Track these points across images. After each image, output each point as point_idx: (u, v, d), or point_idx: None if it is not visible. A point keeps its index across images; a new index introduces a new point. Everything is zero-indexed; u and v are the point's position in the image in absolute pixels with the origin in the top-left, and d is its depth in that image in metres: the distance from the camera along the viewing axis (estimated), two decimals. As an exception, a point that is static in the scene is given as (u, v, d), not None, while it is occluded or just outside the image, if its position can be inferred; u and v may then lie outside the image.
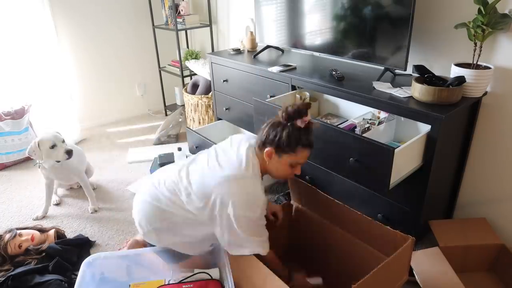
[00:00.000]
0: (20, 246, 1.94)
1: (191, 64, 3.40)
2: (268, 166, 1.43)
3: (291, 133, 1.34)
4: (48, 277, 1.80)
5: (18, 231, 2.00)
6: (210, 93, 3.21)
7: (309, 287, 1.58)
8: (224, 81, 2.79)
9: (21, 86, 3.24)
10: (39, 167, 2.25)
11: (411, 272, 1.72)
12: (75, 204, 2.51)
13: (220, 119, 3.07)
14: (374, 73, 2.12)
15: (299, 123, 1.34)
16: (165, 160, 2.72)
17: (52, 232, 2.08)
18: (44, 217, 2.37)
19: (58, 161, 2.21)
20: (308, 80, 2.10)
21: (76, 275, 1.40)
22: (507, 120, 1.78)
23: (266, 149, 1.38)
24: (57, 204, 2.51)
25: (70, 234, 2.20)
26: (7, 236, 1.94)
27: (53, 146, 2.16)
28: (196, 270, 1.48)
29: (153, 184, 1.50)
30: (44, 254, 1.94)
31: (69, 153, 2.19)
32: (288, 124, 1.35)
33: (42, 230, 2.10)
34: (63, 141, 2.22)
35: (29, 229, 2.08)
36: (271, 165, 1.42)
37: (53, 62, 3.23)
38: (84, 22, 3.44)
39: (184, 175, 1.45)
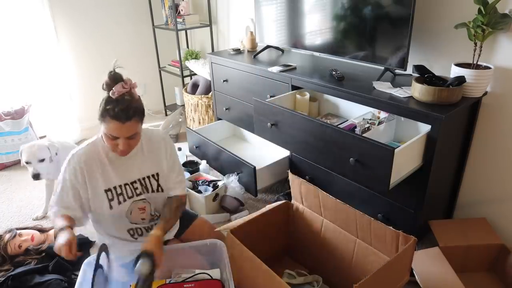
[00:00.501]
0: (20, 246, 1.94)
1: (191, 64, 3.40)
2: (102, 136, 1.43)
3: (101, 103, 1.34)
4: (48, 277, 1.80)
5: (18, 231, 2.00)
6: (210, 93, 3.21)
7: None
8: (224, 81, 2.79)
9: (21, 86, 3.24)
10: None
11: (411, 272, 1.72)
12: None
13: (220, 119, 3.07)
14: (374, 73, 2.12)
15: (111, 94, 1.33)
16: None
17: (52, 232, 2.09)
18: (44, 217, 2.37)
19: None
20: (308, 80, 2.10)
21: (76, 275, 1.40)
22: (507, 120, 1.78)
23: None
24: None
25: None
26: (7, 236, 1.94)
27: (27, 162, 2.14)
28: (197, 271, 1.48)
29: None
30: (44, 254, 1.94)
31: (34, 176, 2.13)
32: (106, 93, 1.34)
33: (42, 230, 2.10)
34: (42, 160, 2.14)
35: (29, 229, 2.08)
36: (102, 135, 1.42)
37: (53, 62, 3.23)
38: (84, 22, 3.44)
39: None
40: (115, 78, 1.34)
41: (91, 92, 3.70)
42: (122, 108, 1.31)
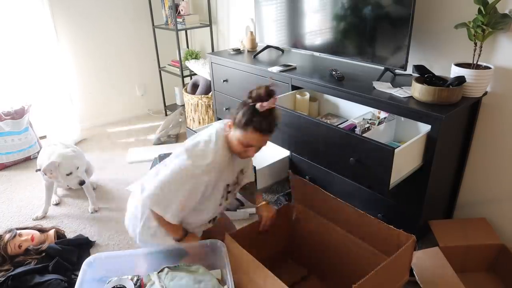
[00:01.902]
0: (20, 246, 1.94)
1: (191, 64, 3.40)
2: (230, 137, 1.47)
3: (246, 112, 1.39)
4: (48, 277, 1.80)
5: (18, 231, 2.00)
6: (210, 93, 3.21)
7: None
8: (224, 81, 2.79)
9: (21, 86, 3.24)
10: (40, 171, 2.21)
11: (411, 272, 1.72)
12: (75, 204, 2.51)
13: (220, 119, 3.07)
14: (374, 73, 2.12)
15: (258, 106, 1.37)
16: (165, 160, 2.72)
17: (52, 232, 2.09)
18: (44, 217, 2.37)
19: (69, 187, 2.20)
20: (308, 80, 2.10)
21: (76, 275, 1.41)
22: (507, 120, 1.78)
23: (229, 121, 1.47)
24: (57, 204, 2.51)
25: (70, 234, 2.20)
26: (7, 236, 1.94)
27: (69, 174, 2.17)
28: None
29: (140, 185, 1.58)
30: (44, 254, 1.94)
31: (81, 183, 2.20)
32: (250, 104, 1.39)
33: (42, 230, 2.10)
34: (78, 168, 2.21)
35: (29, 229, 2.08)
36: (230, 137, 1.46)
37: (53, 62, 3.23)
38: (84, 22, 3.44)
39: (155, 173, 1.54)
40: (270, 93, 1.38)
41: (91, 92, 3.70)
42: (268, 122, 1.40)
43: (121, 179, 2.80)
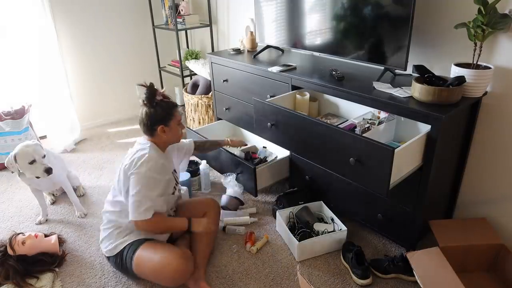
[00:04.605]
0: (23, 243, 1.93)
1: (191, 64, 3.40)
2: (165, 139, 1.82)
3: (162, 107, 1.76)
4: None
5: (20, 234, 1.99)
6: (210, 93, 3.21)
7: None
8: (224, 81, 2.79)
9: (21, 86, 3.24)
10: (18, 176, 2.15)
11: (411, 272, 1.72)
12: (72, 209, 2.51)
13: (220, 119, 3.07)
14: (374, 73, 2.12)
15: (158, 98, 1.76)
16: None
17: (54, 238, 2.06)
18: (46, 220, 2.35)
19: (38, 177, 2.11)
20: (308, 80, 2.10)
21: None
22: (507, 120, 1.78)
23: (158, 128, 1.75)
24: (53, 203, 2.51)
25: (69, 238, 2.20)
26: (10, 236, 1.94)
27: (32, 162, 2.06)
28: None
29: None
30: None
31: (48, 171, 2.09)
32: (154, 104, 1.75)
33: (45, 235, 2.09)
34: (44, 156, 2.12)
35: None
36: (167, 136, 1.81)
37: (53, 62, 3.23)
38: (84, 22, 3.44)
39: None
40: (153, 91, 1.80)
41: (91, 92, 3.70)
42: (167, 103, 1.84)
43: (121, 179, 2.80)
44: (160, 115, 1.74)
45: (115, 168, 2.97)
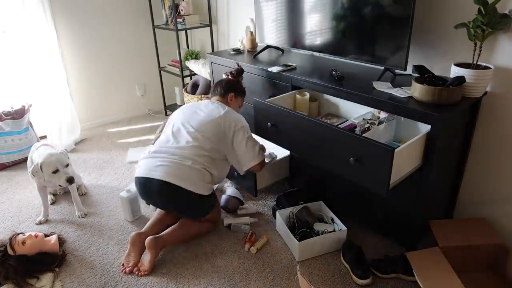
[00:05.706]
0: (23, 243, 1.93)
1: (191, 64, 3.40)
2: (230, 106, 2.16)
3: (241, 85, 2.26)
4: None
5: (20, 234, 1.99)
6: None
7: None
8: (224, 81, 2.79)
9: (21, 86, 3.24)
10: (32, 174, 2.18)
11: (411, 272, 1.73)
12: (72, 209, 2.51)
13: (220, 119, 3.07)
14: (374, 73, 2.12)
15: (241, 80, 2.30)
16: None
17: (55, 238, 2.06)
18: (47, 220, 2.36)
19: (60, 186, 2.18)
20: (308, 80, 2.10)
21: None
22: (507, 120, 1.78)
23: (229, 94, 2.19)
24: (53, 203, 2.51)
25: (69, 238, 2.20)
26: (10, 235, 1.94)
27: (55, 171, 2.14)
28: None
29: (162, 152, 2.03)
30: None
31: (70, 180, 2.16)
32: (239, 79, 2.29)
33: (45, 235, 2.09)
34: (67, 165, 2.19)
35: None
36: (232, 105, 2.19)
37: (53, 62, 3.23)
38: (84, 22, 3.44)
39: (179, 134, 2.07)
40: (239, 72, 2.33)
41: (91, 92, 3.70)
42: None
43: (121, 179, 2.80)
44: (237, 87, 2.21)
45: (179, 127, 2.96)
